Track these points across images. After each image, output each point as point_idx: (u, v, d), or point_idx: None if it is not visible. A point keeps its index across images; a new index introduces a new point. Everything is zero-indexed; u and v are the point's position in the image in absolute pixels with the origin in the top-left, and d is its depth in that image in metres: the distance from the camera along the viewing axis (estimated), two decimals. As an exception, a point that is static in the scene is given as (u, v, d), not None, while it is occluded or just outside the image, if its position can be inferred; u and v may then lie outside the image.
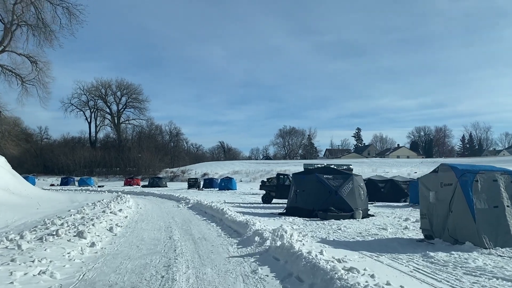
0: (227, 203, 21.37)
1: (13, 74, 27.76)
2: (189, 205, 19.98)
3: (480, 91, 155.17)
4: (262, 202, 22.00)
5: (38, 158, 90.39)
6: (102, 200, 19.66)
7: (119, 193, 28.75)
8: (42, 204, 16.44)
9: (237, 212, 14.39)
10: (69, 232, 8.58)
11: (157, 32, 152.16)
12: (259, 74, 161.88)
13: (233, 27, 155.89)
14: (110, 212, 13.39)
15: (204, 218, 14.06)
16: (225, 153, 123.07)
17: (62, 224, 10.04)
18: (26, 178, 50.39)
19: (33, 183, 50.58)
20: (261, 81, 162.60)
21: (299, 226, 11.47)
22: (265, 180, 42.30)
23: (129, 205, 18.31)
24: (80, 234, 8.33)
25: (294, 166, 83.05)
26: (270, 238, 7.65)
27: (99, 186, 57.58)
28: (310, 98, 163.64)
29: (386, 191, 26.82)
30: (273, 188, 22.15)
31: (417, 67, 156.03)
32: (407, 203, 24.44)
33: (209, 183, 52.98)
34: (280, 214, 14.92)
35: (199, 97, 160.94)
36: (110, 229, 10.29)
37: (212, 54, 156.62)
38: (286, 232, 7.45)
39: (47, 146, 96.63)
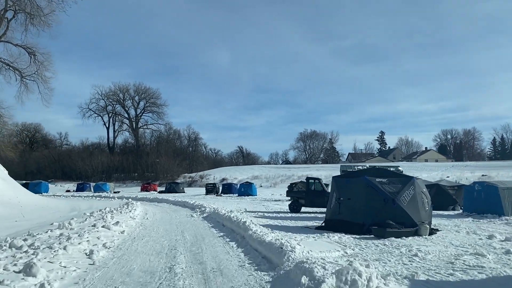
0: (249, 212, 18.29)
1: (10, 68, 25.36)
2: (204, 215, 16.97)
3: (508, 94, 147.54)
4: (289, 211, 18.78)
5: (56, 164, 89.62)
6: (104, 209, 16.89)
7: (130, 200, 26.10)
8: (31, 215, 13.76)
9: (262, 225, 11.29)
10: (14, 264, 5.63)
11: (176, 39, 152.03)
12: (278, 79, 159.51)
13: (252, 34, 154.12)
14: (102, 226, 10.47)
15: (222, 234, 10.97)
16: (244, 158, 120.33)
17: (20, 246, 7.12)
18: (39, 184, 48.78)
19: (46, 190, 48.84)
20: (280, 86, 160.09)
21: (353, 249, 8.22)
22: (292, 184, 38.66)
23: (133, 215, 15.43)
24: (27, 270, 5.36)
25: (317, 171, 79.44)
26: (331, 283, 4.48)
27: (114, 192, 55.51)
28: (330, 103, 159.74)
29: (432, 197, 23.16)
30: (301, 195, 18.89)
31: (440, 70, 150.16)
32: (458, 211, 20.92)
33: (228, 188, 50.05)
34: (318, 229, 11.69)
35: (217, 103, 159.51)
36: (90, 254, 7.32)
37: (231, 60, 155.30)
38: (360, 276, 4.27)
39: (65, 152, 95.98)
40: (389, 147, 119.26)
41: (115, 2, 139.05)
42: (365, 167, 19.99)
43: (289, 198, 33.62)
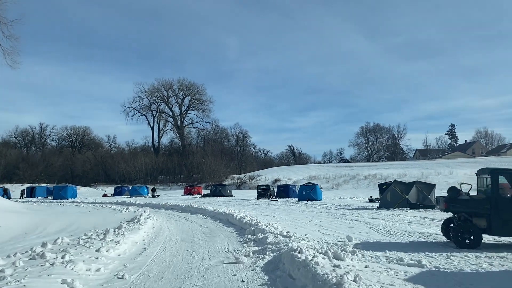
0: (362, 246, 8.28)
1: None
2: (267, 257, 7.19)
3: None
4: (455, 244, 8.39)
5: (99, 167, 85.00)
6: (60, 241, 7.80)
7: (147, 210, 17.08)
8: None
9: None
10: None
11: (228, 44, 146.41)
12: (328, 79, 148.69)
13: (302, 35, 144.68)
14: None
15: None
16: (295, 158, 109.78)
17: None
18: (64, 188, 41.87)
19: (74, 195, 41.72)
20: (331, 86, 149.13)
21: None
22: (382, 185, 25.90)
23: (104, 261, 6.10)
24: None
25: (385, 169, 67.02)
26: None
27: (153, 196, 47.89)
28: (383, 101, 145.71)
29: None
30: (482, 208, 8.27)
31: (502, 64, 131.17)
32: None
33: (284, 191, 40.04)
34: None
35: (267, 105, 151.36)
36: None
37: (280, 62, 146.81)
38: None
39: (108, 154, 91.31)
40: (465, 140, 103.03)
41: (168, 9, 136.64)
42: None
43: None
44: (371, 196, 32.37)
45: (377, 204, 24.92)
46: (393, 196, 23.20)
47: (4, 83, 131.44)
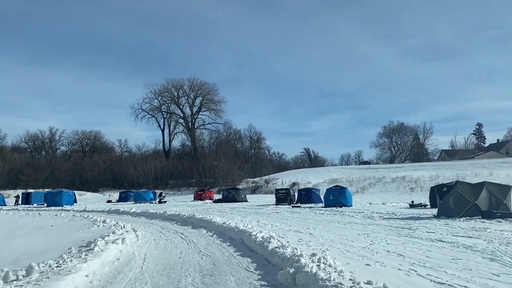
0: None
1: None
2: None
3: None
4: None
5: (107, 172, 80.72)
6: None
7: (123, 227, 11.97)
8: None
9: None
10: None
11: (241, 49, 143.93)
12: (343, 83, 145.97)
13: (316, 39, 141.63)
14: None
15: None
16: (311, 161, 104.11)
17: None
18: (59, 194, 37.28)
19: (70, 201, 36.73)
20: (345, 90, 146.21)
21: None
22: (438, 188, 19.82)
23: None
24: None
25: (414, 171, 60.72)
26: None
27: (159, 202, 43.03)
28: (397, 105, 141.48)
29: None
30: None
31: None
32: None
33: (307, 196, 34.56)
34: None
35: (281, 109, 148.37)
36: None
37: (295, 67, 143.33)
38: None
39: (116, 158, 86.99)
40: (497, 140, 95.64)
41: (182, 15, 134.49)
42: None
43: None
44: (412, 201, 26.90)
45: (430, 211, 19.62)
46: (457, 201, 17.41)
47: (20, 90, 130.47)
